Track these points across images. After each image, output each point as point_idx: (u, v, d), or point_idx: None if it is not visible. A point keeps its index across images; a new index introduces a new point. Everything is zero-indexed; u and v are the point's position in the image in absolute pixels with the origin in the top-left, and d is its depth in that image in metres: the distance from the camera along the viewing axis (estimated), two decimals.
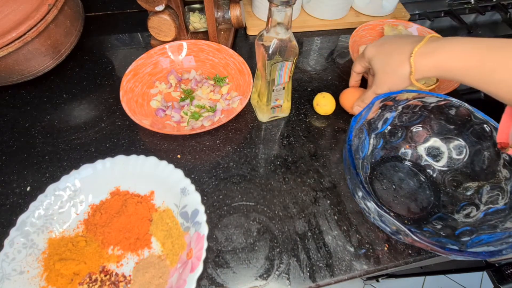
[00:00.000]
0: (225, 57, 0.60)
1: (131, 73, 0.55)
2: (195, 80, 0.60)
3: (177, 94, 0.58)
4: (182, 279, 0.37)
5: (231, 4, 0.60)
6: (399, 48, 0.43)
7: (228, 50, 0.60)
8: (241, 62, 0.58)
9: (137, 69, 0.57)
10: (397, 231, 0.36)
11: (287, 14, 0.40)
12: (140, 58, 0.57)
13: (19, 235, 0.40)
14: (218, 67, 0.62)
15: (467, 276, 1.29)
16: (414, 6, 0.83)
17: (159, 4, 0.55)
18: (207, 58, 0.62)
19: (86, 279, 0.40)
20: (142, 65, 0.57)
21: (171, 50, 0.61)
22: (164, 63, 0.61)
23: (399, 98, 0.45)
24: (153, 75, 0.59)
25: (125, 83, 0.54)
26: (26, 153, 0.51)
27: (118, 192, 0.46)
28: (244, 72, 0.58)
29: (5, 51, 0.48)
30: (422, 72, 0.42)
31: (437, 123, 0.48)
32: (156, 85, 0.58)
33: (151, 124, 0.50)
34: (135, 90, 0.55)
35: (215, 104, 0.57)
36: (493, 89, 0.37)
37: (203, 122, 0.53)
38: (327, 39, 0.73)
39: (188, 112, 0.55)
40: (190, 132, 0.50)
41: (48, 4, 0.50)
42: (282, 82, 0.49)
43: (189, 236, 0.41)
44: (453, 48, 0.39)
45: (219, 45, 0.61)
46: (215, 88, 0.59)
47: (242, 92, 0.57)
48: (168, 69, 0.61)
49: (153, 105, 0.56)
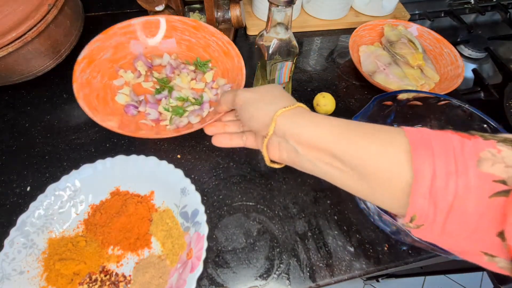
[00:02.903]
0: (205, 36, 0.50)
1: (85, 60, 0.43)
2: (170, 66, 0.49)
3: (150, 85, 0.49)
4: (182, 279, 0.37)
5: (231, 4, 0.60)
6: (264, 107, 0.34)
7: (208, 28, 0.49)
8: (226, 41, 0.48)
9: (93, 54, 0.44)
10: (397, 231, 0.36)
11: (287, 14, 0.40)
12: (96, 40, 0.45)
13: (19, 235, 0.40)
14: (196, 49, 0.51)
15: (467, 276, 1.29)
16: (414, 6, 0.83)
17: (159, 4, 0.55)
18: (182, 38, 0.50)
19: (86, 279, 0.40)
20: (99, 49, 0.45)
21: (142, 29, 0.49)
22: (133, 47, 0.49)
23: (399, 98, 0.45)
24: (114, 61, 0.47)
25: (79, 73, 0.42)
26: (26, 153, 0.51)
27: (118, 192, 0.46)
28: (231, 53, 0.48)
29: (5, 51, 0.47)
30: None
31: (437, 123, 0.48)
32: (121, 74, 0.47)
33: (120, 126, 0.41)
34: (93, 82, 0.43)
35: (201, 94, 0.48)
36: None
37: (190, 119, 0.45)
38: (327, 39, 0.73)
39: (169, 107, 0.46)
40: (175, 134, 0.41)
41: (48, 4, 0.50)
42: (282, 82, 0.49)
43: (189, 236, 0.41)
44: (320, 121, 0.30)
45: (196, 21, 0.50)
46: (197, 75, 0.50)
47: (232, 79, 0.47)
48: (134, 53, 0.49)
49: (120, 101, 0.46)
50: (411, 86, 0.58)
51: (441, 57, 0.64)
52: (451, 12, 0.82)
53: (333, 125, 0.30)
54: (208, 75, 0.49)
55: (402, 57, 0.62)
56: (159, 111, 0.46)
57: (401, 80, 0.59)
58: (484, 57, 0.73)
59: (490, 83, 0.65)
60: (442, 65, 0.63)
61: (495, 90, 0.64)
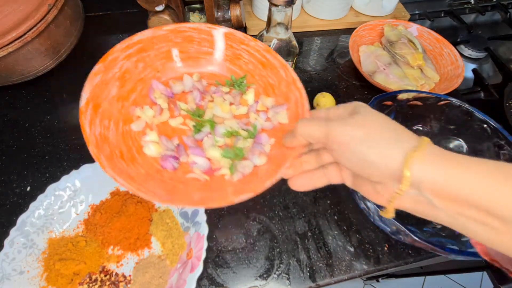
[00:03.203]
0: (231, 46, 0.38)
1: (90, 106, 0.30)
2: (197, 91, 0.37)
3: (180, 122, 0.35)
4: (182, 279, 0.37)
5: (231, 4, 0.60)
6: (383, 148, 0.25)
7: (235, 34, 0.38)
8: (263, 49, 0.37)
9: (96, 95, 0.32)
10: (397, 231, 0.36)
11: (287, 14, 0.40)
12: (95, 73, 0.32)
13: (19, 235, 0.40)
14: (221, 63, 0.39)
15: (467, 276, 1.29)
16: (414, 6, 0.83)
17: (159, 4, 0.55)
18: (199, 51, 0.38)
19: (86, 279, 0.40)
20: (103, 86, 0.32)
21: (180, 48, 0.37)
22: (143, 73, 0.36)
23: (400, 98, 0.45)
24: (123, 98, 0.34)
25: (89, 128, 0.29)
26: (26, 153, 0.51)
27: (118, 192, 0.46)
28: (273, 64, 0.37)
29: (5, 51, 0.47)
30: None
31: (437, 123, 0.48)
32: (137, 114, 0.34)
33: (170, 192, 0.29)
34: (108, 136, 0.30)
35: (253, 124, 0.35)
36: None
37: (253, 160, 0.32)
38: (327, 39, 0.73)
39: (216, 149, 0.33)
40: (258, 192, 0.29)
41: (48, 4, 0.50)
42: None
43: (189, 236, 0.41)
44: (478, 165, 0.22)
45: (215, 26, 0.37)
46: (235, 98, 0.38)
47: (282, 97, 0.36)
48: (145, 80, 0.36)
49: (150, 153, 0.32)
50: (411, 86, 0.58)
51: (441, 57, 0.64)
52: (451, 12, 0.82)
53: (488, 170, 0.22)
54: (248, 95, 0.38)
55: (402, 57, 0.62)
56: (207, 157, 0.33)
57: (401, 80, 0.59)
58: (484, 57, 0.73)
59: (490, 83, 0.65)
60: (442, 65, 0.63)
61: (495, 90, 0.64)
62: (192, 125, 0.35)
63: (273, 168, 0.31)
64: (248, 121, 0.36)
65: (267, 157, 0.33)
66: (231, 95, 0.38)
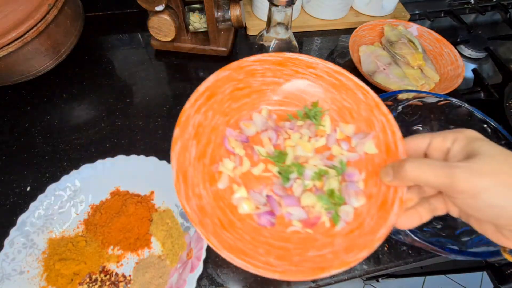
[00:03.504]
0: (297, 71, 0.35)
1: (180, 177, 0.29)
2: (272, 130, 0.34)
3: (262, 169, 0.33)
4: (182, 279, 0.37)
5: (231, 4, 0.60)
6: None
7: (300, 58, 0.34)
8: (334, 70, 0.34)
9: (182, 167, 0.29)
10: (397, 231, 0.36)
11: (287, 14, 0.40)
12: (175, 141, 0.30)
13: (19, 235, 0.40)
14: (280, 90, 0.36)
15: (467, 276, 1.29)
16: (414, 6, 0.83)
17: (159, 4, 0.55)
18: (264, 82, 0.35)
19: (86, 279, 0.40)
20: (183, 153, 0.30)
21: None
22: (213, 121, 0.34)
23: (400, 98, 0.45)
24: (201, 155, 0.32)
25: (189, 208, 0.28)
26: (26, 153, 0.51)
27: (118, 192, 0.46)
28: (348, 85, 0.34)
29: (5, 51, 0.47)
30: None
31: (437, 123, 0.48)
32: (220, 170, 0.32)
33: (281, 256, 0.27)
34: (204, 204, 0.29)
35: (340, 160, 0.32)
36: None
37: (352, 203, 0.30)
38: (327, 39, 0.73)
39: (309, 196, 0.31)
40: (372, 249, 0.26)
41: (48, 4, 0.50)
42: None
43: (189, 236, 0.41)
44: None
45: (280, 55, 0.34)
46: (309, 128, 0.34)
47: (364, 122, 0.33)
48: (216, 127, 0.33)
49: (244, 211, 0.30)
50: (411, 86, 0.58)
51: (441, 57, 0.64)
52: (451, 12, 0.82)
53: None
54: (325, 123, 0.34)
55: (402, 57, 0.62)
56: (303, 206, 0.31)
57: (401, 80, 0.59)
58: (484, 57, 0.73)
59: (490, 83, 0.65)
60: (442, 65, 0.63)
61: (495, 90, 0.64)
62: (276, 171, 0.33)
63: (378, 213, 0.28)
64: (331, 154, 0.33)
65: (365, 197, 0.30)
66: (306, 127, 0.34)
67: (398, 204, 0.27)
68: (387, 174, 0.27)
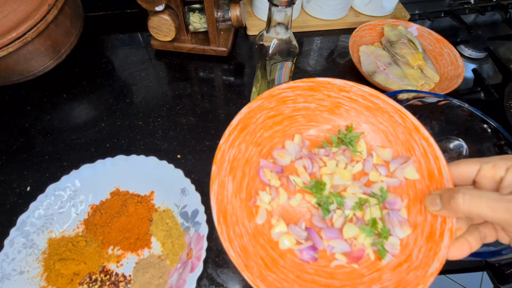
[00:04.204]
0: (329, 95, 0.34)
1: (221, 221, 0.28)
2: (306, 158, 0.33)
3: (300, 200, 0.32)
4: (182, 279, 0.37)
5: (231, 4, 0.60)
6: None
7: (333, 83, 0.33)
8: (368, 94, 0.32)
9: (221, 206, 0.29)
10: None
11: (287, 14, 0.40)
12: (213, 180, 0.30)
13: (19, 235, 0.40)
14: (317, 116, 0.35)
15: (467, 276, 1.29)
16: (414, 6, 0.83)
17: (159, 4, 0.55)
18: (294, 108, 0.34)
19: (86, 279, 0.40)
20: (222, 192, 0.30)
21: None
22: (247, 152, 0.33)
23: (400, 98, 0.45)
24: (239, 190, 0.31)
25: (233, 252, 0.27)
26: (26, 153, 0.51)
27: (118, 192, 0.46)
28: (384, 108, 0.32)
29: (5, 51, 0.47)
30: None
31: (437, 123, 0.48)
32: (258, 204, 0.31)
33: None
34: (247, 247, 0.28)
35: (380, 187, 0.31)
36: None
37: (397, 233, 0.29)
38: (327, 39, 0.73)
39: (352, 227, 0.30)
40: (426, 286, 0.25)
41: (48, 4, 0.50)
42: (282, 82, 0.49)
43: (189, 236, 0.41)
44: None
45: (313, 80, 0.33)
46: (345, 153, 0.33)
47: (401, 146, 0.32)
48: (251, 160, 0.33)
49: (285, 246, 0.30)
50: (411, 86, 0.58)
51: (441, 57, 0.64)
52: (451, 12, 0.82)
53: None
54: (361, 147, 0.33)
55: (402, 57, 0.62)
56: (345, 239, 0.29)
57: (401, 80, 0.59)
58: (484, 57, 0.73)
59: (490, 83, 0.65)
60: (442, 65, 0.63)
61: (495, 90, 0.64)
62: (315, 203, 0.31)
63: (427, 244, 0.26)
64: (368, 180, 0.32)
65: (410, 226, 0.28)
66: (341, 153, 0.33)
67: (448, 236, 0.26)
68: (434, 203, 0.26)
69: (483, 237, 0.26)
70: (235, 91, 0.61)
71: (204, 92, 0.60)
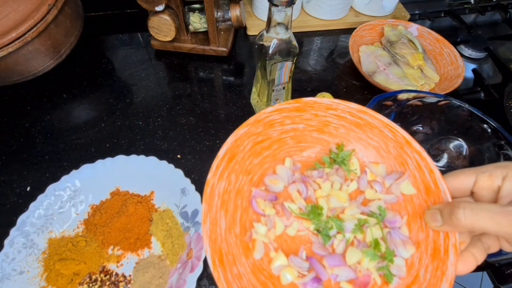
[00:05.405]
0: (316, 114, 0.33)
1: (216, 264, 0.26)
2: (300, 182, 0.32)
3: (297, 228, 0.31)
4: (182, 279, 0.37)
5: (231, 4, 0.60)
6: None
7: (318, 102, 0.32)
8: (356, 110, 0.31)
9: (215, 246, 0.27)
10: None
11: (287, 14, 0.40)
12: (204, 219, 0.27)
13: (19, 235, 0.40)
14: (305, 136, 0.34)
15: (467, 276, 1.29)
16: (414, 6, 0.83)
17: (159, 4, 0.55)
18: (282, 131, 0.33)
19: (86, 279, 0.40)
20: (214, 230, 0.28)
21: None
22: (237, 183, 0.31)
23: (400, 98, 0.45)
24: (233, 224, 0.30)
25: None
26: (26, 153, 0.51)
27: (118, 192, 0.46)
28: (373, 124, 0.31)
29: (5, 51, 0.47)
30: None
31: (437, 123, 0.48)
32: (253, 238, 0.29)
33: None
34: (247, 287, 0.27)
35: (379, 205, 0.30)
36: None
37: (402, 254, 0.28)
38: (327, 39, 0.73)
39: (355, 252, 0.28)
40: None
41: (48, 4, 0.50)
42: (282, 82, 0.49)
43: (189, 236, 0.41)
44: None
45: (298, 101, 0.32)
46: (338, 172, 0.32)
47: (394, 160, 0.31)
48: (242, 190, 0.31)
49: (286, 280, 0.28)
50: (411, 86, 0.58)
51: (441, 57, 0.64)
52: (451, 12, 0.82)
53: None
54: (354, 164, 0.32)
55: (402, 57, 0.62)
56: (349, 265, 0.28)
57: (401, 80, 0.59)
58: (484, 57, 0.73)
59: (490, 83, 0.65)
60: (442, 65, 0.63)
61: (495, 90, 0.64)
62: (313, 229, 0.30)
63: (432, 263, 0.26)
64: (365, 198, 0.31)
65: (413, 245, 0.27)
66: (335, 173, 0.32)
67: (453, 252, 0.25)
68: (434, 219, 0.25)
69: (487, 248, 0.25)
70: (235, 91, 0.61)
71: (204, 92, 0.60)
